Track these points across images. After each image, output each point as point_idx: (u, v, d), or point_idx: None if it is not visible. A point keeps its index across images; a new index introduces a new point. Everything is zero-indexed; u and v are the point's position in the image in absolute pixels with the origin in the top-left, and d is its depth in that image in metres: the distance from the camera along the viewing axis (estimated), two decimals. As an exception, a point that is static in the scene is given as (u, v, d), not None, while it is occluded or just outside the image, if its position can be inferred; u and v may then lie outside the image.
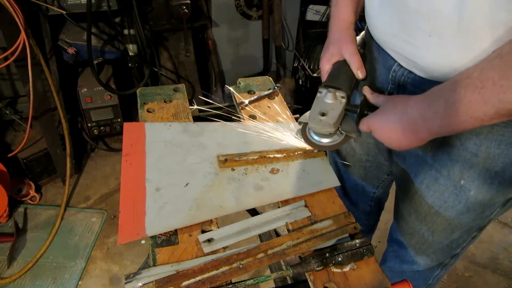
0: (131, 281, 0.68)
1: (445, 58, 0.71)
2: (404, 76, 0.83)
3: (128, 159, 0.92)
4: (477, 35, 0.64)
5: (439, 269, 1.14)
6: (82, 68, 2.27)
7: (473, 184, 0.83)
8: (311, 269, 0.73)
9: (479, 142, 0.77)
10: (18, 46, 1.62)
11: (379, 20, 0.84)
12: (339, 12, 0.92)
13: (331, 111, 0.82)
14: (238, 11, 2.43)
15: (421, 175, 0.92)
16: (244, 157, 0.94)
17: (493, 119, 0.60)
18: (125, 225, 0.77)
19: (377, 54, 0.90)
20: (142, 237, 0.76)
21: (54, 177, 2.31)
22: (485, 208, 0.89)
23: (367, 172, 1.20)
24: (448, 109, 0.63)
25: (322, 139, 0.91)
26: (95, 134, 2.32)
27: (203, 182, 0.89)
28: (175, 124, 1.03)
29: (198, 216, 0.81)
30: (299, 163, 0.96)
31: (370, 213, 1.38)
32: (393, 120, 0.73)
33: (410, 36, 0.75)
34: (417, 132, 0.70)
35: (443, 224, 0.95)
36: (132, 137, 0.97)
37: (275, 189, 0.89)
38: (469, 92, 0.60)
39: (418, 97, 0.70)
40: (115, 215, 2.17)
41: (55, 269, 1.89)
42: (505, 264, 2.06)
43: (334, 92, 0.82)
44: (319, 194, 0.89)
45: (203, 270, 0.70)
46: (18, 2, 1.59)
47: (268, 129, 1.02)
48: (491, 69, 0.58)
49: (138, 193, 0.84)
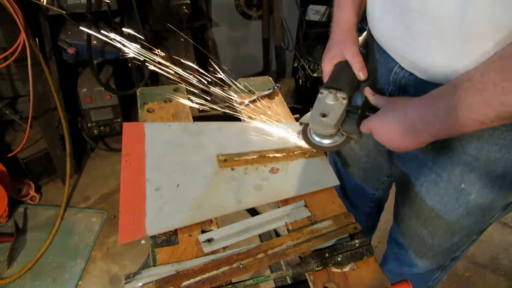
0: (131, 281, 0.68)
1: (447, 60, 0.70)
2: (405, 78, 0.83)
3: (128, 159, 0.92)
4: (478, 38, 0.64)
5: (439, 271, 1.14)
6: (82, 68, 2.26)
7: (474, 187, 0.83)
8: (311, 269, 0.73)
9: (480, 145, 0.77)
10: (18, 46, 1.62)
11: (381, 21, 0.84)
12: (341, 13, 0.92)
13: (332, 112, 0.82)
14: (238, 11, 2.43)
15: (421, 178, 0.92)
16: (244, 156, 0.94)
17: (493, 122, 0.60)
18: (125, 225, 0.77)
19: (379, 55, 0.90)
20: (142, 237, 0.76)
21: (54, 177, 2.31)
22: (485, 212, 0.89)
23: (367, 174, 1.20)
24: (448, 112, 0.63)
25: (323, 140, 0.91)
26: (95, 134, 2.32)
27: (203, 182, 0.89)
28: (175, 124, 1.03)
29: (198, 216, 0.81)
30: (299, 162, 0.96)
31: (370, 214, 1.38)
32: (393, 122, 0.73)
33: (411, 38, 0.75)
34: (417, 135, 0.70)
35: (443, 227, 0.94)
36: (131, 137, 0.97)
37: (275, 189, 0.89)
38: (470, 95, 0.60)
39: (418, 100, 0.70)
40: (115, 215, 2.17)
41: (55, 269, 1.89)
42: (505, 264, 2.06)
43: (335, 93, 0.82)
44: (319, 194, 0.89)
45: (203, 270, 0.70)
46: (18, 2, 1.59)
47: (268, 128, 1.02)
48: (492, 72, 0.58)
49: (138, 193, 0.84)
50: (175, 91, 1.16)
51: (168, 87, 1.17)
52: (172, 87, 1.17)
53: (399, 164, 0.99)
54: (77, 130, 2.33)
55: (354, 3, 0.91)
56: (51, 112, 2.03)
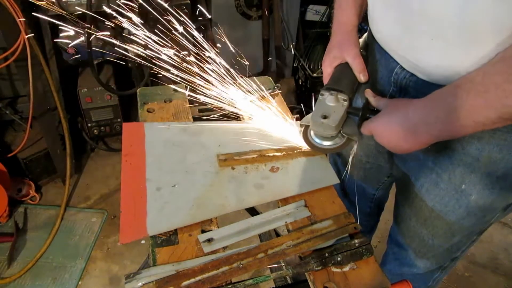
0: (131, 281, 0.68)
1: (448, 61, 0.70)
2: (406, 79, 0.83)
3: (128, 159, 0.92)
4: (480, 39, 0.64)
5: (439, 271, 1.14)
6: (82, 68, 2.26)
7: (474, 188, 0.83)
8: (311, 269, 0.73)
9: (481, 146, 0.77)
10: (18, 46, 1.62)
11: (382, 22, 0.84)
12: (341, 15, 0.92)
13: (333, 114, 0.82)
14: (238, 11, 2.43)
15: (422, 179, 0.92)
16: (244, 156, 0.94)
17: (495, 123, 0.60)
18: (126, 225, 0.78)
19: (380, 56, 0.90)
20: (144, 237, 0.76)
21: (54, 177, 2.31)
22: (486, 213, 0.89)
23: (367, 174, 1.20)
24: (450, 114, 0.63)
25: (323, 142, 0.91)
26: (95, 134, 2.32)
27: (204, 181, 0.89)
28: (174, 124, 1.03)
29: (199, 215, 0.81)
30: (299, 161, 0.96)
31: (370, 214, 1.38)
32: (394, 123, 0.73)
33: (413, 39, 0.75)
34: (418, 136, 0.69)
35: (443, 228, 0.94)
36: (131, 137, 0.97)
37: (275, 187, 0.89)
38: (471, 97, 0.60)
39: (419, 101, 0.70)
40: (115, 215, 2.17)
41: (55, 269, 1.89)
42: (505, 264, 2.06)
43: (336, 95, 0.82)
44: (319, 194, 0.89)
45: (203, 270, 0.70)
46: (18, 2, 1.59)
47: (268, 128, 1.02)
48: (494, 73, 0.58)
49: (138, 193, 0.84)
50: (175, 91, 1.16)
51: (168, 87, 1.17)
52: (172, 87, 1.17)
53: (399, 164, 0.99)
54: (77, 130, 2.33)
55: (355, 4, 0.91)
56: (51, 112, 2.03)
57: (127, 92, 2.15)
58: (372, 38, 0.92)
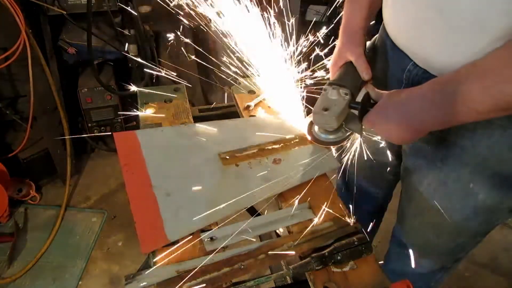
0: (131, 282, 0.68)
1: (462, 57, 0.70)
2: (419, 76, 0.83)
3: (128, 168, 0.89)
4: (494, 35, 0.63)
5: (441, 272, 1.13)
6: (83, 68, 2.26)
7: (483, 188, 0.83)
8: (311, 269, 0.73)
9: (491, 144, 0.77)
10: (18, 46, 1.62)
11: (395, 18, 0.84)
12: (350, 17, 0.93)
13: (334, 107, 0.84)
14: (238, 11, 2.42)
15: (430, 177, 0.91)
16: (244, 152, 0.95)
17: (490, 112, 0.60)
18: (144, 234, 0.76)
19: (392, 53, 0.90)
20: (165, 243, 0.75)
21: (54, 177, 2.30)
22: (492, 213, 0.88)
23: (372, 172, 1.20)
24: (445, 98, 0.63)
25: (329, 136, 0.95)
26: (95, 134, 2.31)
27: (211, 181, 0.89)
28: (167, 128, 1.02)
29: (216, 215, 0.81)
30: (298, 150, 0.98)
31: (372, 214, 1.37)
32: (390, 112, 0.73)
33: (426, 35, 0.75)
34: (413, 123, 0.70)
35: (449, 227, 0.94)
36: (126, 147, 0.94)
37: (282, 179, 0.90)
38: (469, 81, 0.60)
39: (416, 87, 0.71)
40: (115, 215, 2.17)
41: (55, 269, 1.89)
42: (505, 264, 2.06)
43: (338, 89, 0.85)
44: (319, 194, 0.89)
45: (204, 271, 0.70)
46: (18, 2, 1.59)
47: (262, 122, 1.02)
48: (495, 58, 0.58)
49: (148, 201, 0.82)
50: (175, 91, 1.16)
51: (168, 87, 1.17)
52: (172, 87, 1.17)
53: (407, 162, 0.99)
54: (77, 130, 2.33)
55: (364, 7, 0.91)
56: (52, 112, 2.03)
57: (127, 92, 2.15)
58: (385, 35, 0.92)
